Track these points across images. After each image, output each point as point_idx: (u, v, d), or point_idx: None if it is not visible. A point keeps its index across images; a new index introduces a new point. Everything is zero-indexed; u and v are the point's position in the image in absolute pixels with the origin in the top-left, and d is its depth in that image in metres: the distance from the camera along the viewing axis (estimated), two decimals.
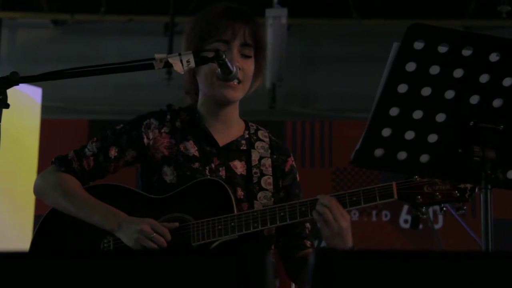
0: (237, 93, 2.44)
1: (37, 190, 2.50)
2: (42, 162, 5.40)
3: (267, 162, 2.51)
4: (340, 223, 2.26)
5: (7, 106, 2.00)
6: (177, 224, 2.34)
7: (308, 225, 2.52)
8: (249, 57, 2.45)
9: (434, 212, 5.52)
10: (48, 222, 2.47)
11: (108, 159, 2.47)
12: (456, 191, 2.28)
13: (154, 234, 2.28)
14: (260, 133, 2.58)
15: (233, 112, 2.53)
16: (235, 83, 2.40)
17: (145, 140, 2.47)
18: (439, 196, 2.30)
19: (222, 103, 2.48)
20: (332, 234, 2.26)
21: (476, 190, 2.26)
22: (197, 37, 2.44)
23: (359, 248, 2.32)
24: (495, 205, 1.97)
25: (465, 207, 2.29)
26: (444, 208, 2.33)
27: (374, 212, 5.89)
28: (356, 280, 1.19)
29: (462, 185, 2.28)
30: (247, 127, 2.58)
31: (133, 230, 2.30)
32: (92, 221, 2.37)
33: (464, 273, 1.20)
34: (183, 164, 2.44)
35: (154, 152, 2.47)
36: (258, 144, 2.54)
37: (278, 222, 2.33)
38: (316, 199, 2.32)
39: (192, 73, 2.50)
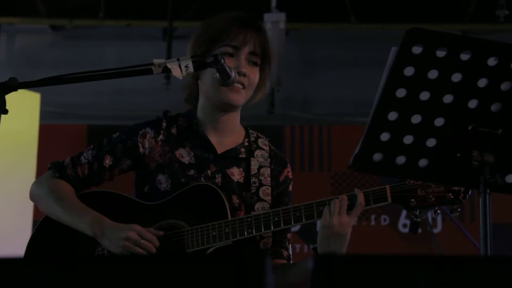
0: (241, 97, 2.42)
1: (32, 196, 2.51)
2: (41, 167, 5.39)
3: (266, 171, 2.49)
4: (335, 229, 2.25)
5: (5, 111, 2.00)
6: (161, 232, 2.32)
7: (289, 235, 2.50)
8: (256, 65, 2.45)
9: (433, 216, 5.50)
10: (43, 228, 2.47)
11: (102, 168, 2.46)
12: (450, 194, 2.29)
13: (142, 240, 2.27)
14: (260, 141, 2.55)
15: (234, 119, 2.51)
16: (239, 87, 2.39)
17: (141, 149, 2.46)
18: (433, 199, 2.31)
19: (225, 108, 2.45)
20: (324, 236, 2.26)
21: (469, 192, 2.28)
22: (206, 41, 2.43)
23: (357, 252, 2.31)
24: (494, 210, 1.97)
25: (459, 209, 2.30)
26: (438, 211, 2.33)
27: (373, 217, 5.88)
28: (355, 285, 1.19)
29: (455, 188, 2.29)
30: (247, 135, 2.55)
31: (119, 237, 2.28)
32: (77, 227, 2.37)
33: (463, 278, 1.20)
34: (178, 171, 2.42)
35: (150, 161, 2.45)
36: (258, 152, 2.52)
37: (272, 228, 2.32)
38: (311, 203, 2.31)
39: (195, 77, 2.48)
